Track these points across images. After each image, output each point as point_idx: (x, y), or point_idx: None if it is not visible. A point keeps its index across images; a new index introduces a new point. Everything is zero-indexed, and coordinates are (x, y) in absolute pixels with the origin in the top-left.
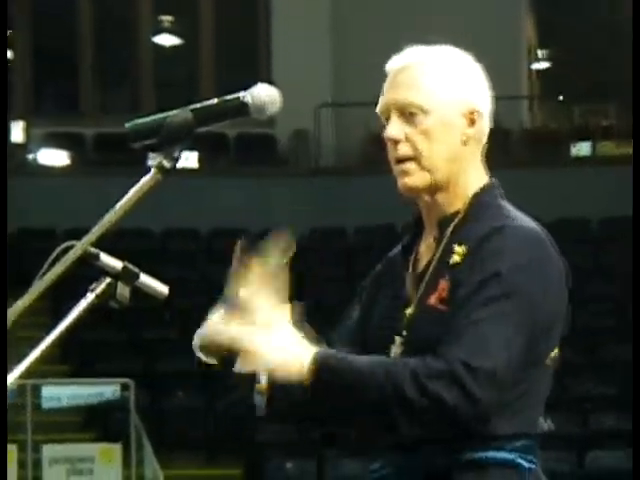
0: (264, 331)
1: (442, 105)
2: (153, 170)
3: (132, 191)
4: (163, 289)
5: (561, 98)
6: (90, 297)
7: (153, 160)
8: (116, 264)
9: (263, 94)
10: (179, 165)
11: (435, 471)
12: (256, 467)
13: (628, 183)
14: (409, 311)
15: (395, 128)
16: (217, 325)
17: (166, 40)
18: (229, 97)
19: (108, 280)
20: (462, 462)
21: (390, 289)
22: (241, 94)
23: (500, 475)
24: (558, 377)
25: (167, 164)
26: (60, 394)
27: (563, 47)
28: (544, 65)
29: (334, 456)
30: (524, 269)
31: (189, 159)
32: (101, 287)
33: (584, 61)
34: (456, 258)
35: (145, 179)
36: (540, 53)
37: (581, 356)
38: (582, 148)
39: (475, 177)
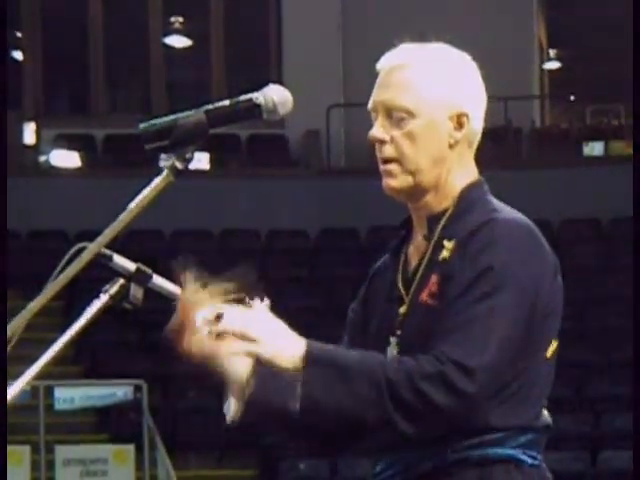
0: (256, 317)
1: (429, 108)
2: (165, 171)
3: (144, 192)
4: (176, 290)
5: (572, 98)
6: (103, 298)
7: (165, 161)
8: (129, 265)
9: (275, 95)
10: (191, 166)
11: (438, 469)
12: (270, 467)
13: None
14: (402, 310)
15: (380, 129)
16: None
17: (177, 41)
18: (241, 98)
19: (121, 281)
20: (464, 459)
21: (382, 293)
22: (253, 95)
23: (503, 472)
24: (571, 377)
25: (180, 165)
26: (73, 395)
27: (575, 47)
28: (556, 65)
29: (347, 456)
30: (516, 260)
31: (201, 160)
32: (114, 288)
33: (595, 61)
34: (445, 254)
35: (157, 180)
36: (552, 53)
37: (594, 356)
38: (594, 147)
39: (463, 177)
